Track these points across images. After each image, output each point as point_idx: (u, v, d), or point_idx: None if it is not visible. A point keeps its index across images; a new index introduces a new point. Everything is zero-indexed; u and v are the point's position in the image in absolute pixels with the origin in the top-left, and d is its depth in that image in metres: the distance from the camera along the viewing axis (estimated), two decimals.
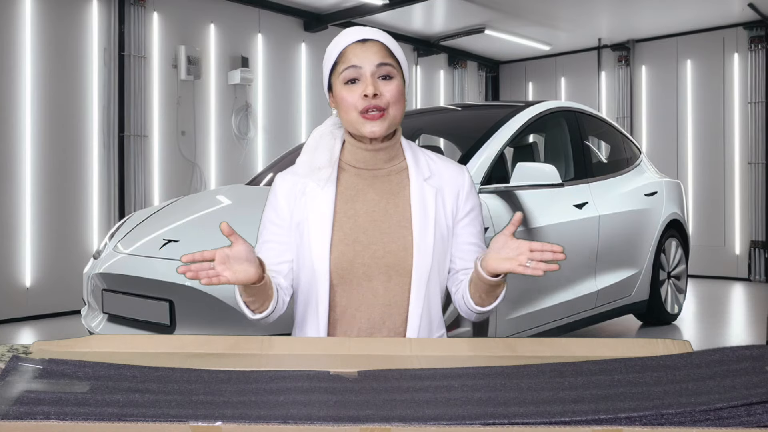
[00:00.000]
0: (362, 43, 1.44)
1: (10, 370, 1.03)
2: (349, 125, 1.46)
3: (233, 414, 0.89)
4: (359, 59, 1.42)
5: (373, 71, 1.42)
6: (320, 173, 1.47)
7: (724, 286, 7.17)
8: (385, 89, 1.42)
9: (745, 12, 7.08)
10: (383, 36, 1.47)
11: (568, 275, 3.81)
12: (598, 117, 4.83)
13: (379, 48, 1.44)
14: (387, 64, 1.43)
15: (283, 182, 1.52)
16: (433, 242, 1.44)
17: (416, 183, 1.48)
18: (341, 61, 1.44)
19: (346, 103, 1.43)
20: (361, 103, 1.41)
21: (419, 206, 1.46)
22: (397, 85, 1.44)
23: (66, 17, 5.51)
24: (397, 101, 1.44)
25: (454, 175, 1.53)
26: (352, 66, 1.42)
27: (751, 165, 7.46)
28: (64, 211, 5.48)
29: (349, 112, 1.43)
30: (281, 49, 6.99)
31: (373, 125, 1.42)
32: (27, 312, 5.25)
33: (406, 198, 1.48)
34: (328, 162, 1.48)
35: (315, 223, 1.45)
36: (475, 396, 0.98)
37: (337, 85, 1.45)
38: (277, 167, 4.07)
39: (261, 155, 6.79)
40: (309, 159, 1.49)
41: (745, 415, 0.88)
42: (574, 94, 8.72)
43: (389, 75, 1.44)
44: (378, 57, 1.43)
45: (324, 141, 1.51)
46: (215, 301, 2.67)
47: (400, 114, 1.46)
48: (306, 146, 1.53)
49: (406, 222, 1.45)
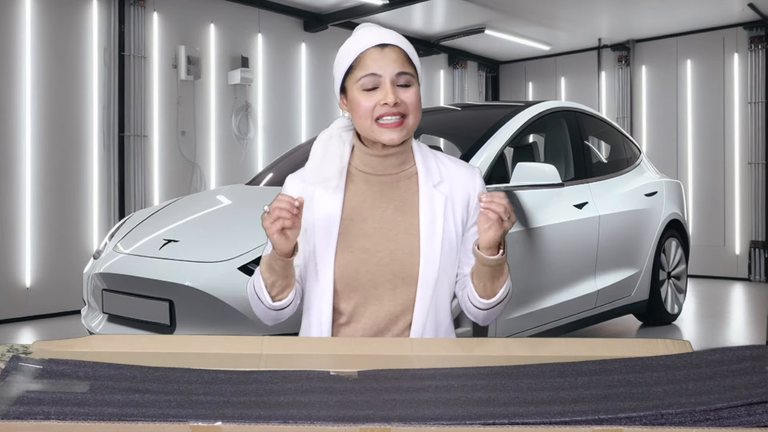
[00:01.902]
0: (381, 48, 1.41)
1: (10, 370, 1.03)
2: (365, 131, 1.44)
3: (233, 414, 0.89)
4: (379, 67, 1.40)
5: (393, 79, 1.40)
6: (329, 182, 1.46)
7: (724, 286, 7.17)
8: (405, 96, 1.41)
9: (745, 12, 7.08)
10: (401, 40, 1.45)
11: (568, 275, 3.81)
12: (598, 117, 4.83)
13: (398, 54, 1.42)
14: (406, 73, 1.41)
15: (293, 186, 1.51)
16: (441, 250, 1.43)
17: (425, 189, 1.46)
18: (358, 67, 1.42)
19: (363, 109, 1.41)
20: (379, 110, 1.39)
21: (428, 214, 1.44)
22: (416, 92, 1.43)
23: (66, 17, 5.51)
24: (416, 109, 1.43)
25: (465, 180, 1.50)
26: (372, 74, 1.40)
27: (751, 165, 7.46)
28: (64, 211, 5.48)
29: (365, 118, 1.41)
30: (281, 49, 6.99)
31: (392, 133, 1.40)
32: (27, 312, 5.25)
33: (415, 205, 1.46)
34: (338, 171, 1.46)
35: (321, 229, 1.44)
36: (475, 396, 0.98)
37: (354, 90, 1.43)
38: (277, 167, 4.07)
39: (261, 155, 6.79)
40: (318, 166, 1.47)
41: (745, 415, 0.88)
42: (574, 94, 8.72)
43: (408, 83, 1.42)
44: (398, 65, 1.41)
45: (333, 146, 1.48)
46: (215, 301, 2.67)
47: (417, 121, 1.45)
48: (314, 151, 1.49)
49: (414, 230, 1.44)
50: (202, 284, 2.71)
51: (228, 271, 2.70)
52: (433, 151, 1.55)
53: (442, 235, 1.44)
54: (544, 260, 3.60)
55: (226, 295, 2.64)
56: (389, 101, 1.38)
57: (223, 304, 2.65)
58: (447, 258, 1.44)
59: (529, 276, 3.52)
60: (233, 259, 2.74)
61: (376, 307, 1.43)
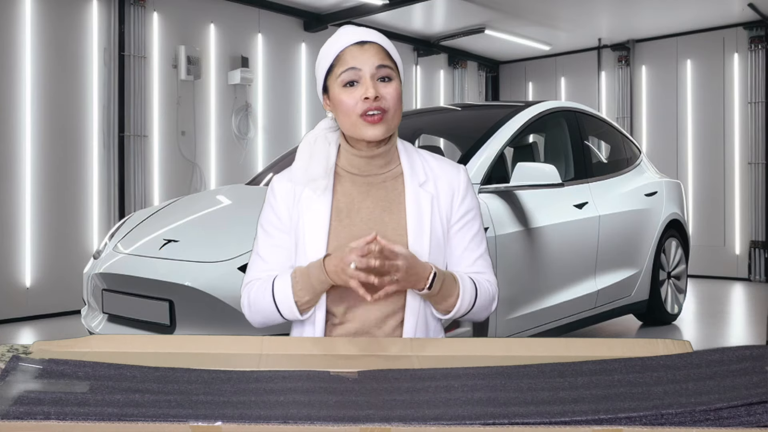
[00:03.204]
0: (360, 46, 1.43)
1: (10, 370, 1.03)
2: (348, 129, 1.44)
3: (233, 414, 0.89)
4: (358, 61, 1.41)
5: (372, 73, 1.41)
6: (316, 183, 1.46)
7: (724, 286, 7.17)
8: (385, 91, 1.41)
9: (745, 12, 7.08)
10: (380, 38, 1.46)
11: (568, 275, 3.81)
12: (598, 117, 4.83)
13: (378, 50, 1.43)
14: (386, 66, 1.43)
15: (281, 187, 1.52)
16: (429, 249, 1.43)
17: (411, 189, 1.47)
18: (338, 64, 1.43)
19: (345, 106, 1.42)
20: (361, 105, 1.40)
21: (414, 213, 1.45)
22: (396, 87, 1.43)
23: (66, 17, 5.51)
24: (396, 104, 1.43)
25: (450, 177, 1.51)
26: (351, 68, 1.41)
27: (751, 165, 7.46)
28: (64, 211, 5.48)
29: (349, 115, 1.42)
30: (281, 49, 6.99)
31: (375, 129, 1.41)
32: (27, 312, 5.25)
33: (402, 205, 1.47)
34: (324, 172, 1.47)
35: (310, 232, 1.45)
36: (475, 396, 0.98)
37: (335, 87, 1.44)
38: (277, 167, 4.07)
39: (261, 155, 6.79)
40: (304, 167, 1.47)
41: (745, 415, 0.88)
42: (574, 94, 8.72)
43: (388, 77, 1.43)
44: (377, 59, 1.42)
45: (319, 147, 1.49)
46: (215, 301, 2.67)
47: (399, 117, 1.46)
48: (300, 152, 1.50)
49: (401, 229, 1.45)
50: (202, 284, 2.71)
51: (228, 271, 2.70)
52: (418, 150, 1.56)
53: (430, 233, 1.45)
54: (544, 260, 3.60)
55: (226, 295, 2.64)
56: (369, 95, 1.39)
57: (223, 304, 2.65)
58: (435, 256, 1.45)
59: (529, 276, 3.52)
60: (233, 259, 2.74)
61: (367, 307, 1.44)
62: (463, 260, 1.49)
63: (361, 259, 1.27)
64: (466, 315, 1.47)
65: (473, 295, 1.44)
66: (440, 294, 1.40)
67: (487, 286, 1.48)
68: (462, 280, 1.43)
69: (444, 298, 1.41)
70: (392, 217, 1.46)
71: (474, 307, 1.45)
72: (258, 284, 1.47)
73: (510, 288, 3.34)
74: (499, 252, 3.22)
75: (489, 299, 1.48)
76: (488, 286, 1.48)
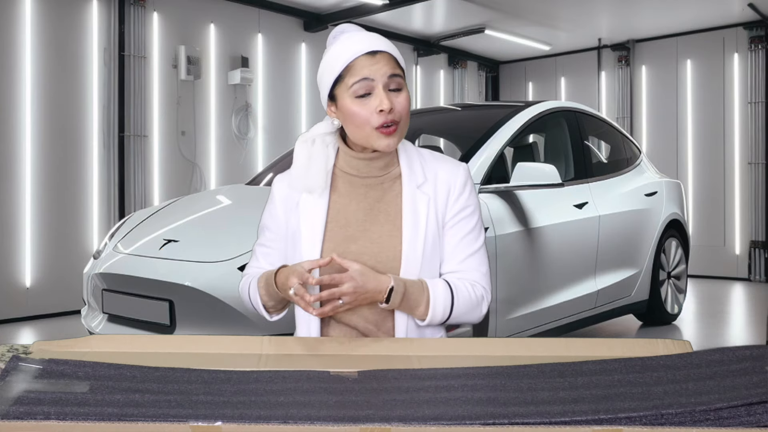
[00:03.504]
0: (371, 55, 1.40)
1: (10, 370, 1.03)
2: (360, 139, 1.43)
3: (233, 414, 0.89)
4: (371, 72, 1.39)
5: (385, 83, 1.40)
6: (315, 190, 1.47)
7: (724, 286, 7.17)
8: (397, 101, 1.40)
9: (745, 12, 7.08)
10: (389, 46, 1.45)
11: (568, 275, 3.81)
12: (598, 117, 4.83)
13: (389, 59, 1.42)
14: (397, 75, 1.41)
15: (280, 189, 1.53)
16: (423, 251, 1.43)
17: (408, 191, 1.46)
18: (349, 74, 1.40)
19: (359, 118, 1.40)
20: (377, 118, 1.39)
21: (410, 217, 1.44)
22: (406, 96, 1.43)
23: (66, 17, 5.51)
24: (407, 114, 1.43)
25: (448, 176, 1.49)
26: (364, 79, 1.39)
27: (751, 165, 7.46)
28: (64, 211, 5.48)
29: (363, 127, 1.40)
30: (281, 49, 6.98)
31: (389, 140, 1.40)
32: (27, 312, 5.25)
33: (398, 206, 1.46)
34: (324, 179, 1.47)
35: (306, 234, 1.45)
36: (475, 396, 0.98)
37: (346, 98, 1.41)
38: (277, 167, 4.07)
39: (261, 155, 6.79)
40: (304, 174, 1.47)
41: (745, 415, 0.88)
42: (574, 94, 8.72)
43: (399, 87, 1.42)
44: (388, 68, 1.40)
45: (317, 150, 1.48)
46: (215, 301, 2.67)
47: (408, 125, 1.46)
48: (297, 157, 1.49)
49: (397, 232, 1.44)
50: (202, 284, 2.71)
51: (228, 271, 2.70)
52: (418, 150, 1.55)
53: (424, 238, 1.43)
54: (544, 260, 3.60)
55: (226, 295, 2.64)
56: (385, 107, 1.37)
57: (223, 304, 2.65)
58: (428, 260, 1.44)
59: (529, 276, 3.52)
60: (233, 259, 2.74)
61: (362, 309, 1.43)
62: (452, 258, 1.47)
63: (299, 287, 1.33)
64: (448, 321, 1.44)
65: (448, 302, 1.41)
66: (403, 305, 1.39)
67: (469, 290, 1.43)
68: (433, 288, 1.41)
69: (411, 309, 1.40)
70: (388, 217, 1.46)
71: (452, 312, 1.42)
72: (245, 279, 1.56)
73: (510, 288, 3.34)
74: (499, 252, 3.22)
75: (471, 303, 1.44)
76: (470, 290, 1.44)
